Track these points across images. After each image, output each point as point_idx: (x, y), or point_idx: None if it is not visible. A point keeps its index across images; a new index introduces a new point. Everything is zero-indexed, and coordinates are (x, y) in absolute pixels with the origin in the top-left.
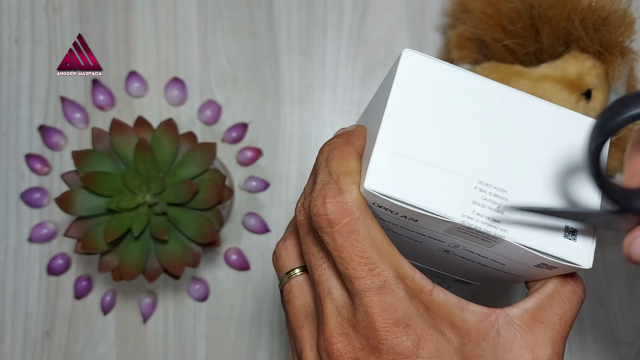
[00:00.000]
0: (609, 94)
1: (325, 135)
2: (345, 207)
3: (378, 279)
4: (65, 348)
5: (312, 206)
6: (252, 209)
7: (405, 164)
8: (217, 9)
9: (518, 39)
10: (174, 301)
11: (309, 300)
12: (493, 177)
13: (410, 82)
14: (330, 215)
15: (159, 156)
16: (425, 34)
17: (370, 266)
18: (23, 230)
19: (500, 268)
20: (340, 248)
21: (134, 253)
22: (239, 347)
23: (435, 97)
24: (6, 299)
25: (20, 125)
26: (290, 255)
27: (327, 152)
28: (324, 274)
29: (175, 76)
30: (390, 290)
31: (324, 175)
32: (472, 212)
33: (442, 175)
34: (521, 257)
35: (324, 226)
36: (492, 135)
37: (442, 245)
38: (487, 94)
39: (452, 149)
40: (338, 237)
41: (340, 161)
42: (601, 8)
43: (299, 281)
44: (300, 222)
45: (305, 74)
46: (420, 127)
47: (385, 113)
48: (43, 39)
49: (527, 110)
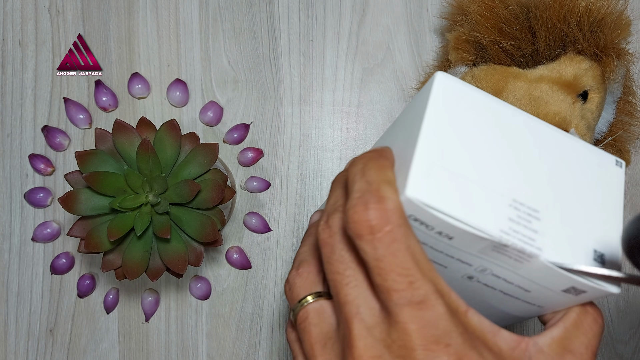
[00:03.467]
0: (605, 95)
1: (325, 136)
2: (387, 214)
3: (418, 293)
4: (69, 345)
5: (351, 213)
6: (253, 208)
7: (444, 177)
8: (218, 12)
9: (515, 41)
10: (176, 299)
11: (327, 327)
12: (526, 197)
13: (443, 102)
14: (373, 222)
15: (162, 156)
16: (423, 36)
17: (410, 278)
18: (27, 229)
19: (523, 296)
20: (381, 257)
21: (137, 252)
22: (240, 344)
23: (467, 118)
24: (10, 297)
25: (24, 125)
26: (305, 282)
27: (361, 163)
28: (352, 292)
29: (177, 77)
30: (431, 305)
31: (362, 184)
32: (508, 228)
33: (478, 191)
34: (550, 280)
35: (364, 233)
36: (521, 159)
37: (468, 270)
38: (514, 120)
39: (486, 166)
40: (379, 245)
41: (378, 171)
42: (597, 10)
43: (316, 308)
44: (324, 241)
45: (305, 75)
46: (455, 145)
47: (423, 128)
48: (46, 40)
49: (553, 141)
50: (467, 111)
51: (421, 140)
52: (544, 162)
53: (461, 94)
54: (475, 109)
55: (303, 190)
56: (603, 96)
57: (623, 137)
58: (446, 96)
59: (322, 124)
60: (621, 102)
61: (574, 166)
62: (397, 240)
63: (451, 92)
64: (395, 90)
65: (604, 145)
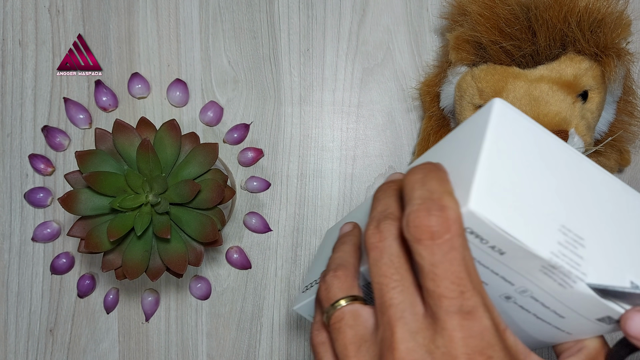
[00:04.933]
0: (605, 95)
1: (325, 136)
2: (449, 223)
3: (468, 303)
4: (69, 345)
5: (413, 217)
6: (253, 208)
7: (503, 195)
8: (218, 12)
9: (515, 41)
10: (176, 299)
11: (362, 330)
12: (572, 224)
13: (502, 127)
14: (434, 228)
15: (162, 156)
16: (423, 36)
17: (462, 288)
18: (27, 229)
19: (555, 321)
20: (437, 263)
21: (137, 252)
22: (240, 344)
23: (521, 144)
24: (10, 297)
25: (24, 125)
26: (342, 284)
27: (422, 173)
28: (398, 296)
29: (177, 77)
30: (478, 317)
31: (424, 192)
32: (557, 251)
33: (532, 211)
34: (588, 308)
35: (425, 237)
36: (568, 188)
37: (508, 290)
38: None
39: (538, 190)
40: (438, 251)
41: (439, 182)
42: (597, 10)
43: (351, 310)
44: (373, 245)
45: (305, 75)
46: (511, 167)
47: (484, 147)
48: (46, 40)
49: (596, 175)
50: (521, 137)
51: (483, 158)
52: (587, 194)
53: (516, 121)
54: (528, 136)
55: (303, 190)
56: (603, 96)
57: (623, 137)
58: (503, 121)
59: (322, 124)
60: (621, 102)
61: (611, 201)
62: (455, 249)
63: (508, 118)
64: (395, 90)
65: (604, 145)
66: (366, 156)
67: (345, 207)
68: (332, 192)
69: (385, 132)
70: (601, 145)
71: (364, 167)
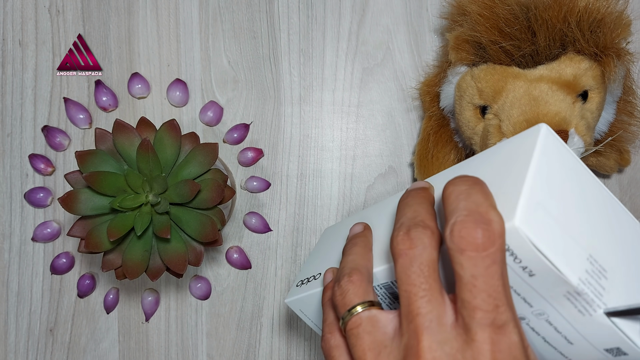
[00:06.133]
0: (605, 95)
1: (325, 136)
2: (494, 237)
3: (501, 317)
4: (69, 345)
5: (459, 228)
6: (253, 208)
7: (544, 218)
8: (218, 12)
9: (514, 41)
10: (176, 299)
11: (380, 336)
12: (599, 255)
13: (547, 151)
14: (479, 240)
15: (162, 156)
16: (423, 36)
17: (497, 302)
18: (27, 229)
19: (562, 347)
20: (478, 275)
21: (137, 252)
22: (240, 344)
23: (560, 172)
24: (10, 296)
25: (24, 125)
26: (358, 289)
27: (466, 185)
28: (426, 306)
29: (177, 77)
30: (509, 332)
31: (470, 204)
32: (585, 279)
33: (567, 238)
34: (599, 337)
35: (469, 249)
36: (597, 221)
37: (525, 311)
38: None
39: (573, 219)
40: (480, 263)
41: (485, 197)
42: (597, 10)
43: (369, 316)
44: (402, 251)
45: (304, 75)
46: (553, 190)
47: (531, 168)
48: (46, 40)
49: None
50: (562, 164)
51: (529, 179)
52: (611, 228)
53: (558, 149)
54: (567, 164)
55: (303, 190)
56: (603, 96)
57: (623, 137)
58: (549, 146)
59: (322, 123)
60: (621, 102)
61: (631, 238)
62: (497, 263)
63: (553, 144)
64: (395, 90)
65: (604, 145)
66: (366, 156)
67: (345, 207)
68: (332, 192)
69: (385, 132)
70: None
71: (363, 167)
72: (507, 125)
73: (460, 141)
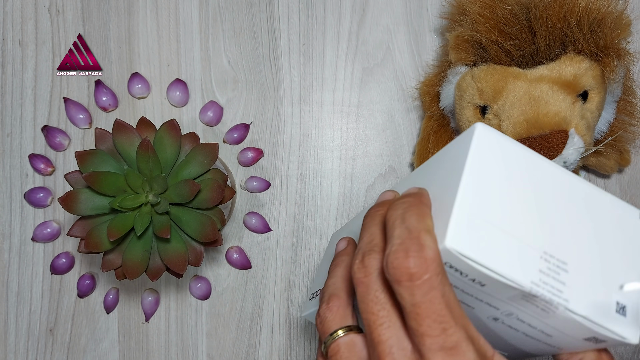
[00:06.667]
0: (605, 95)
1: (325, 136)
2: (427, 263)
3: (451, 339)
4: (69, 345)
5: (392, 259)
6: (253, 208)
7: (481, 228)
8: (218, 12)
9: (515, 41)
10: (176, 299)
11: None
12: (555, 249)
13: (482, 154)
14: (413, 270)
15: (162, 156)
16: (423, 36)
17: (444, 325)
18: (27, 229)
19: (544, 339)
20: (418, 304)
21: (137, 252)
22: (240, 344)
23: (502, 170)
24: (10, 296)
25: (24, 125)
26: (335, 316)
27: (401, 209)
28: (386, 333)
29: (177, 77)
30: (462, 352)
31: (402, 231)
32: (538, 280)
33: (512, 242)
34: (573, 329)
35: (404, 279)
36: (551, 211)
37: (495, 313)
38: (545, 172)
39: (519, 218)
40: (417, 292)
41: (419, 219)
42: (597, 10)
43: (346, 341)
44: (359, 280)
45: (304, 75)
46: (491, 196)
47: (463, 179)
48: (46, 40)
49: (581, 193)
50: (502, 162)
51: (461, 192)
52: (572, 214)
53: (498, 146)
54: (509, 160)
55: (303, 190)
56: (603, 96)
57: (623, 137)
58: (484, 147)
59: (322, 123)
60: (621, 102)
61: (599, 218)
62: (434, 288)
63: (489, 144)
64: (395, 90)
65: (604, 145)
66: (366, 156)
67: (345, 207)
68: (332, 192)
69: (385, 132)
70: (601, 145)
71: (363, 167)
72: (507, 125)
73: None
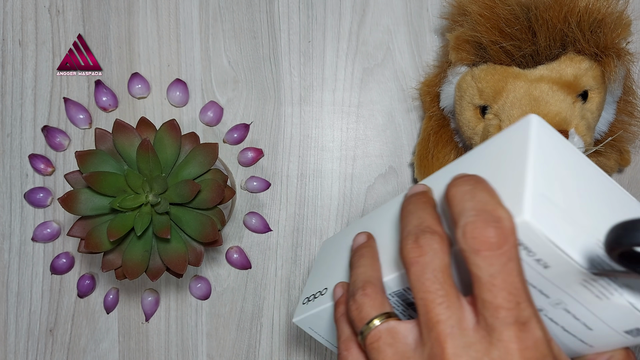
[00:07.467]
0: (605, 95)
1: (325, 136)
2: (506, 234)
3: (524, 314)
4: (69, 345)
5: (470, 228)
6: (253, 208)
7: (551, 210)
8: (218, 12)
9: (515, 41)
10: (176, 299)
11: (402, 347)
12: None
13: (542, 140)
14: (492, 239)
15: (162, 156)
16: (423, 36)
17: (518, 299)
18: (27, 229)
19: (581, 334)
20: (496, 274)
21: (137, 252)
22: (240, 344)
23: (558, 160)
24: (10, 296)
25: (24, 125)
26: (374, 302)
27: (469, 185)
28: (445, 312)
29: (177, 78)
30: (533, 328)
31: (476, 204)
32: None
33: (577, 228)
34: (619, 320)
35: (483, 249)
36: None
37: (542, 302)
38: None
39: (576, 205)
40: (496, 262)
41: (490, 194)
42: (597, 10)
43: (388, 328)
44: (413, 259)
45: (305, 75)
46: (555, 181)
47: (529, 161)
48: (46, 40)
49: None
50: (556, 153)
51: (530, 172)
52: (617, 211)
53: (553, 137)
54: (562, 152)
55: (303, 190)
56: (603, 96)
57: (623, 137)
58: (543, 137)
59: (322, 124)
60: (621, 102)
61: None
62: (512, 260)
63: (546, 134)
64: (395, 90)
65: (604, 145)
66: (366, 156)
67: (345, 207)
68: (332, 192)
69: (385, 132)
70: (601, 145)
71: (364, 167)
72: (507, 125)
73: (460, 141)
